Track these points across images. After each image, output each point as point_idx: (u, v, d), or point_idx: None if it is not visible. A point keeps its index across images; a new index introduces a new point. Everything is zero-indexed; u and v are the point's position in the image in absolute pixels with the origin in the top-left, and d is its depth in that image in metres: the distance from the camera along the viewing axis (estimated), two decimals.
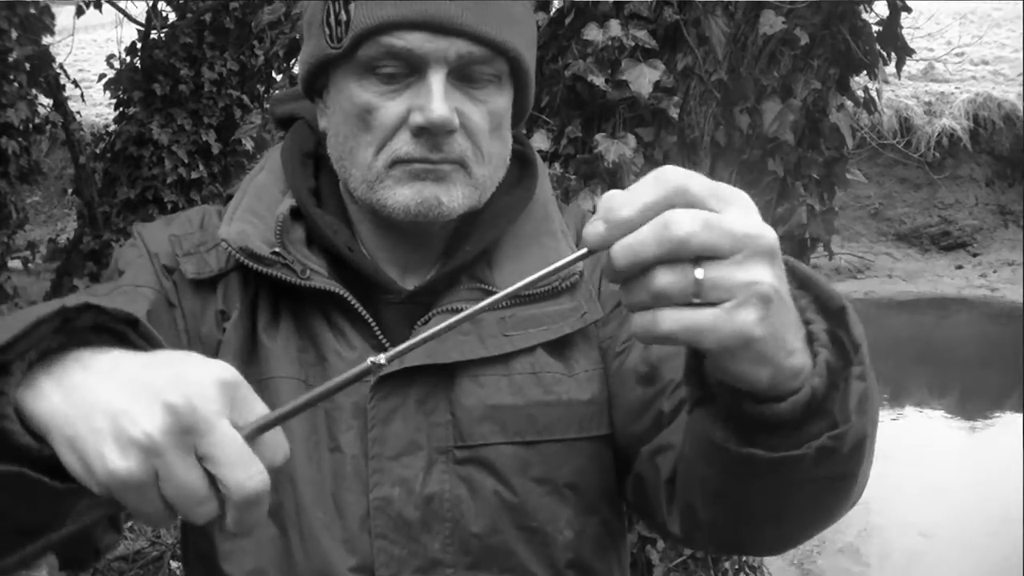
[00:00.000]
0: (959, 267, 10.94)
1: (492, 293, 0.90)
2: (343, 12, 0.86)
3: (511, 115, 0.93)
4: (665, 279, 0.53)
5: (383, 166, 0.87)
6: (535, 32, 0.95)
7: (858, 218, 11.41)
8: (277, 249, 0.89)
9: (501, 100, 0.89)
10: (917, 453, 5.28)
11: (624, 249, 0.54)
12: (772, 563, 3.38)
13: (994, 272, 10.65)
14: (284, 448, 0.57)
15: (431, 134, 0.85)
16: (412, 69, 0.85)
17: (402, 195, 0.87)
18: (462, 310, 0.89)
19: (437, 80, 0.84)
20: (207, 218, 0.97)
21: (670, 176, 0.55)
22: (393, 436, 0.87)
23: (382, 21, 0.84)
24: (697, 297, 0.53)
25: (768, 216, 2.25)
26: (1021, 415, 5.86)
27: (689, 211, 0.53)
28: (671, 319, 0.54)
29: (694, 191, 0.55)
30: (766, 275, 0.55)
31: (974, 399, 6.60)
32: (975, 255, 11.05)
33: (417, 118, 0.84)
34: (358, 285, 0.91)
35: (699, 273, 0.53)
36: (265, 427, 0.55)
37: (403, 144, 0.86)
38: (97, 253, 5.54)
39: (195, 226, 0.96)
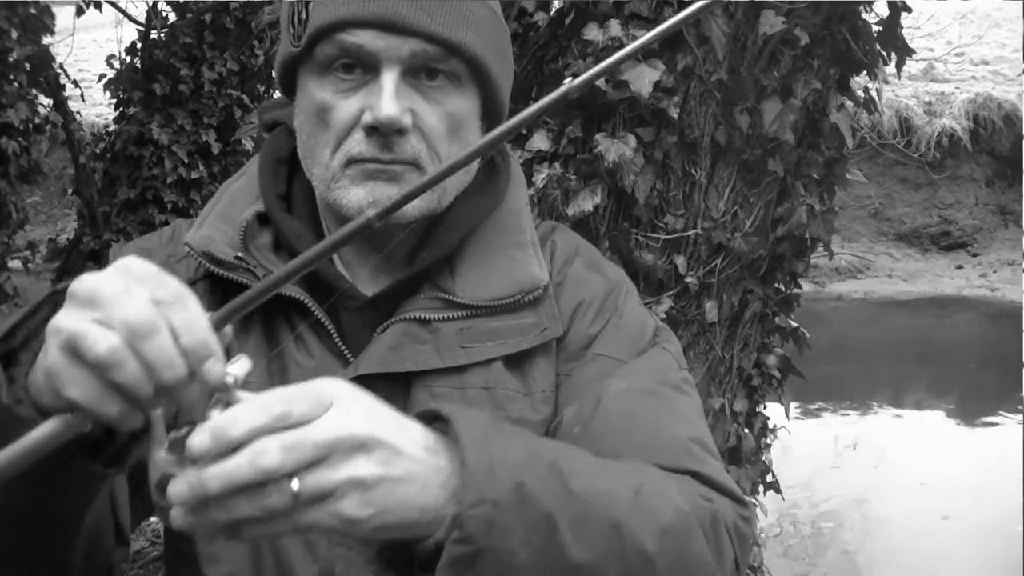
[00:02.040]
0: (959, 267, 10.94)
1: (451, 302, 0.91)
2: (304, 11, 0.87)
3: (479, 119, 0.92)
4: (265, 501, 0.57)
5: (339, 165, 0.87)
6: (503, 36, 0.93)
7: (858, 218, 11.41)
8: (240, 254, 0.89)
9: (461, 102, 0.88)
10: (917, 453, 5.28)
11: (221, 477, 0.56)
12: (773, 563, 3.38)
13: (994, 272, 10.65)
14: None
15: (381, 134, 0.84)
16: (367, 68, 0.85)
17: (356, 194, 0.86)
18: (420, 319, 0.90)
19: (389, 79, 0.84)
20: (178, 231, 0.98)
21: (271, 407, 0.58)
22: None
23: (336, 19, 0.84)
24: (296, 509, 0.58)
25: (768, 216, 2.25)
26: (1021, 415, 5.86)
27: (276, 438, 0.57)
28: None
29: (295, 418, 0.58)
30: (362, 466, 0.60)
31: (974, 399, 6.60)
32: (975, 255, 11.05)
33: (367, 117, 0.84)
34: (323, 291, 0.90)
35: (295, 486, 0.58)
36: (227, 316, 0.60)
37: (357, 144, 0.86)
38: (97, 253, 5.53)
39: (165, 239, 0.98)
